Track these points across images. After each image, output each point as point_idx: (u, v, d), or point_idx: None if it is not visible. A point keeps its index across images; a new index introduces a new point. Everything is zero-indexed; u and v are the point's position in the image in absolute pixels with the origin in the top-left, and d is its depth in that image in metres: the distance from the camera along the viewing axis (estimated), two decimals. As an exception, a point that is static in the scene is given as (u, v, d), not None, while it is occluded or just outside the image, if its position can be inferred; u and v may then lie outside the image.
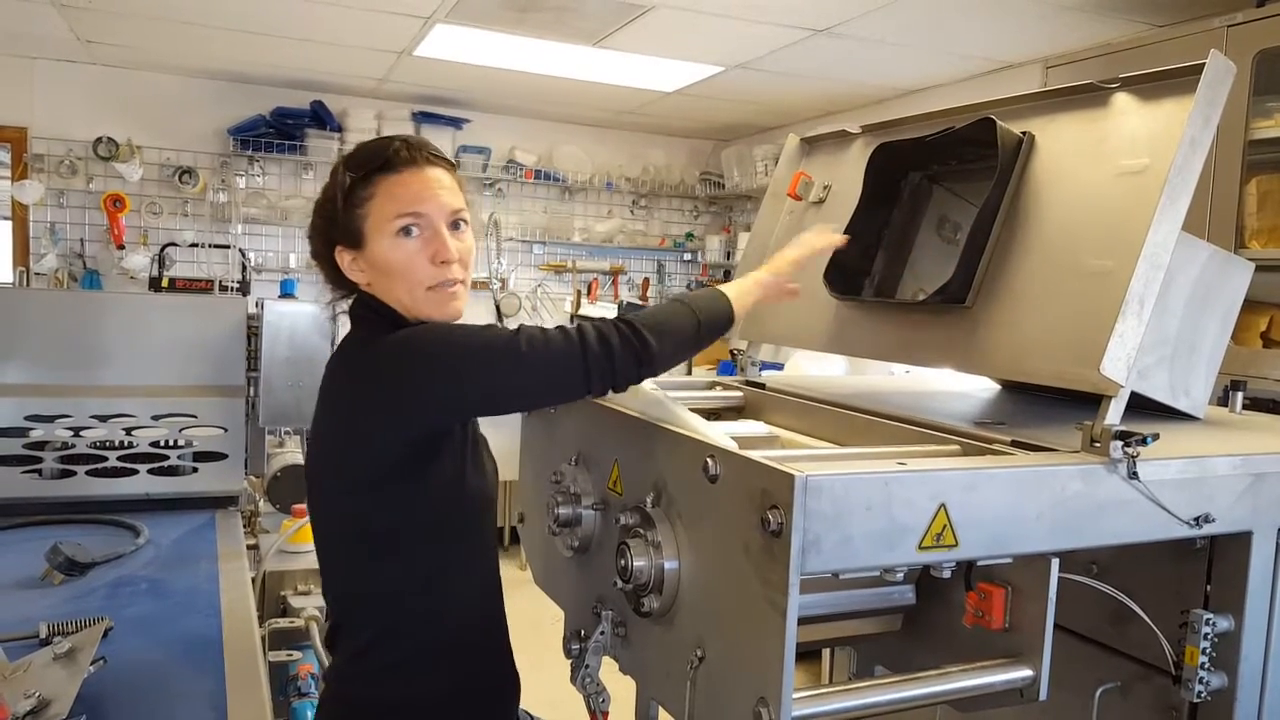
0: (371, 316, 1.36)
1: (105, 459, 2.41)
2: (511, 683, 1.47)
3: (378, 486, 1.29)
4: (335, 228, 1.34)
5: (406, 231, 1.29)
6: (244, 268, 5.49)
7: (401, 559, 1.32)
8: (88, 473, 2.38)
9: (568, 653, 1.33)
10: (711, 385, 1.74)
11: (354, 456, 1.30)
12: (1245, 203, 2.69)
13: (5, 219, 5.46)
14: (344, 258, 1.34)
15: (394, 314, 1.34)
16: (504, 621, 1.46)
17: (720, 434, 1.16)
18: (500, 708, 1.45)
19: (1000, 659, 1.08)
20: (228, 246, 5.52)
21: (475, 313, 5.62)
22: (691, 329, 1.26)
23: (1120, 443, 1.05)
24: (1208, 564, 1.20)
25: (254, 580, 2.14)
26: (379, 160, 1.30)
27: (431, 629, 1.34)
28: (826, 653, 1.94)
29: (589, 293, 6.37)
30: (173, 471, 2.46)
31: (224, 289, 5.33)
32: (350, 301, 1.41)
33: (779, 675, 0.90)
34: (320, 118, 5.56)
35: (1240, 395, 1.58)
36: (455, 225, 1.33)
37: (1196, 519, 1.11)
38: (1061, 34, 3.63)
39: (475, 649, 1.40)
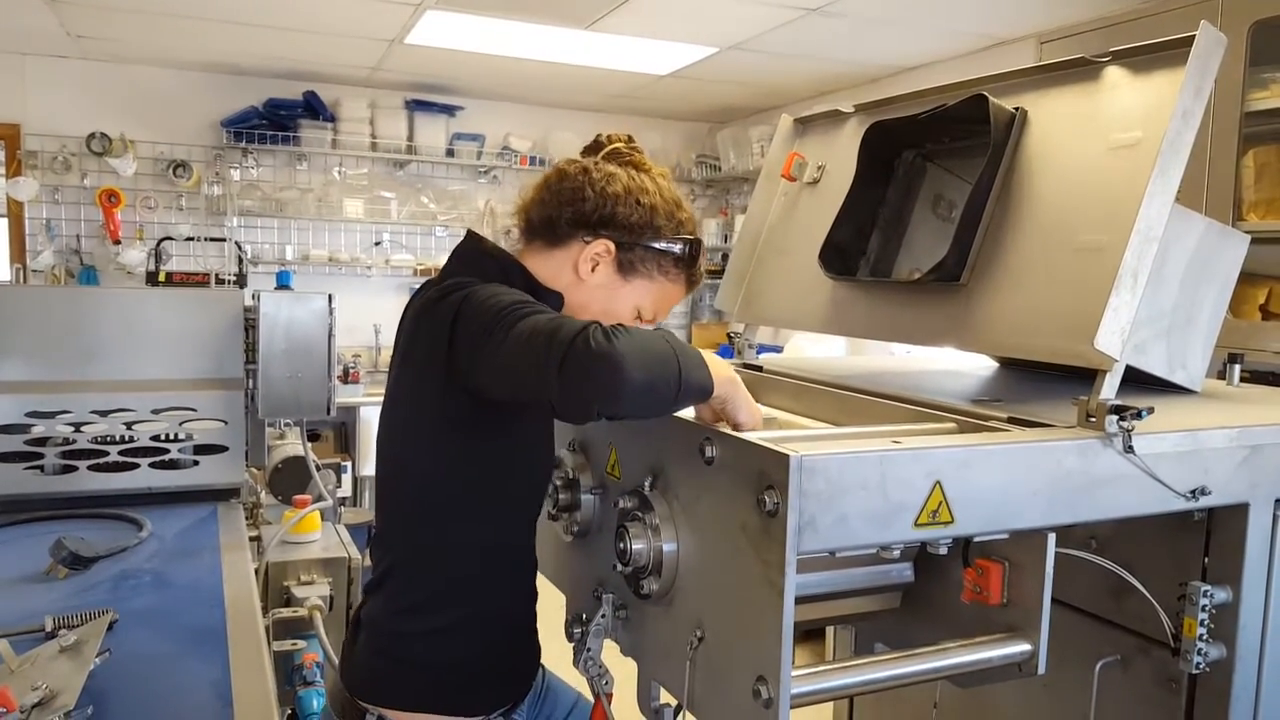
0: (487, 259, 1.35)
1: (106, 454, 2.41)
2: (538, 651, 1.50)
3: (440, 438, 1.29)
4: (627, 235, 1.36)
5: (642, 314, 1.42)
6: (240, 260, 5.49)
7: (463, 517, 1.32)
8: (89, 467, 2.38)
9: (569, 637, 1.33)
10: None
11: (424, 400, 1.30)
12: (1243, 175, 2.68)
13: (1, 216, 5.45)
14: (601, 247, 1.35)
15: (525, 273, 1.36)
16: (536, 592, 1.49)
17: None
18: (530, 675, 1.48)
19: (999, 634, 1.08)
20: (223, 239, 5.52)
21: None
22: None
23: (1115, 417, 1.05)
24: (1205, 536, 1.20)
25: (257, 571, 2.15)
26: (693, 270, 1.43)
27: (482, 592, 1.35)
28: (830, 633, 1.94)
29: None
30: (174, 465, 2.46)
31: (220, 282, 5.32)
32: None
33: (777, 653, 0.91)
34: (313, 108, 5.54)
35: (1238, 368, 1.58)
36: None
37: (1193, 492, 1.11)
38: (1056, 8, 3.62)
39: (518, 616, 1.42)
